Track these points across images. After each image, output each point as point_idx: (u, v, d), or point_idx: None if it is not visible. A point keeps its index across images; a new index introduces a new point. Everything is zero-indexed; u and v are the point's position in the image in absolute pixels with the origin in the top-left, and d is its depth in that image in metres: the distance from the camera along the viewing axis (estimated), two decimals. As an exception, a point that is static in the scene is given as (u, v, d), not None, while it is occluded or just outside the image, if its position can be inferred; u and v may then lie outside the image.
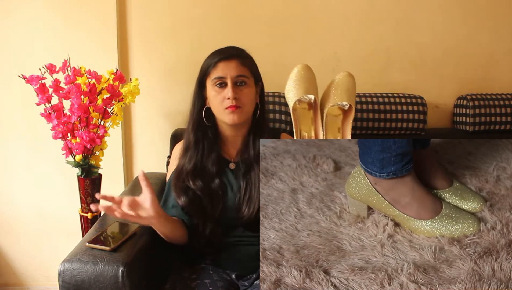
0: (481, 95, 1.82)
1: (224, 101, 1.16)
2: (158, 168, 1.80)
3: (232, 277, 1.21)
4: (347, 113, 1.54)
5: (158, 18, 1.78)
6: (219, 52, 1.20)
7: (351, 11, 1.83)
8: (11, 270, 1.94)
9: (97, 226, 1.21)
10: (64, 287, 1.02)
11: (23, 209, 1.88)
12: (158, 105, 1.82)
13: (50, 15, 1.73)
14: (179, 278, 1.21)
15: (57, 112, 1.43)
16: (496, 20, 1.90)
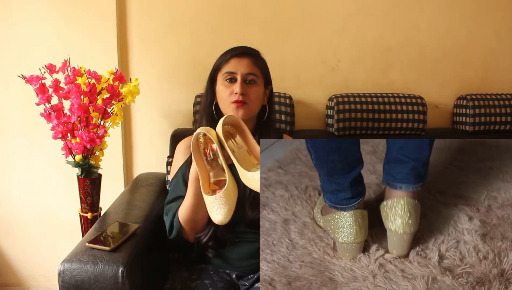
0: (481, 95, 1.82)
1: (232, 96, 1.17)
2: (158, 168, 1.80)
3: (233, 277, 1.22)
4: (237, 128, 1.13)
5: (158, 18, 1.78)
6: (234, 49, 1.22)
7: (351, 11, 1.83)
8: (11, 270, 1.94)
9: (97, 226, 1.21)
10: (64, 287, 1.02)
11: (23, 209, 1.88)
12: (158, 105, 1.82)
13: (50, 15, 1.73)
14: (179, 278, 1.21)
15: (57, 112, 1.43)
16: (496, 20, 1.90)
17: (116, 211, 1.33)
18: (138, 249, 1.11)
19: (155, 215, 1.34)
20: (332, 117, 1.72)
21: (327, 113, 1.78)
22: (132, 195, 1.50)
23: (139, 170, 1.87)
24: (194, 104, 1.65)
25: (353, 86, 1.87)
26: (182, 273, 1.23)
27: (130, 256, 1.06)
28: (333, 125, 1.72)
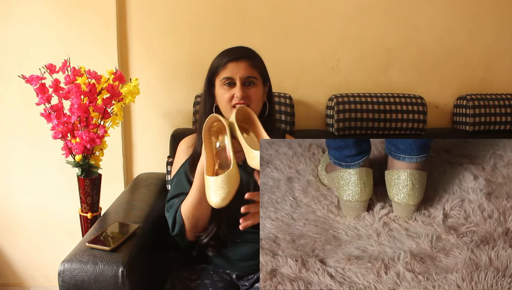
0: (481, 95, 1.82)
1: (233, 99, 1.17)
2: (158, 168, 1.80)
3: (233, 277, 1.22)
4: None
5: (158, 18, 1.78)
6: (229, 52, 1.21)
7: (351, 11, 1.83)
8: (11, 270, 1.94)
9: (97, 226, 1.21)
10: (64, 287, 1.02)
11: (23, 209, 1.88)
12: (158, 105, 1.82)
13: (50, 15, 1.73)
14: (179, 278, 1.21)
15: (57, 112, 1.43)
16: (496, 20, 1.90)
17: (116, 211, 1.33)
18: (138, 249, 1.11)
19: (155, 215, 1.34)
20: (332, 117, 1.72)
21: (327, 113, 1.78)
22: (132, 195, 1.50)
23: (139, 170, 1.87)
24: (194, 104, 1.65)
25: (353, 86, 1.87)
26: (182, 273, 1.23)
27: (130, 256, 1.06)
28: (333, 125, 1.72)
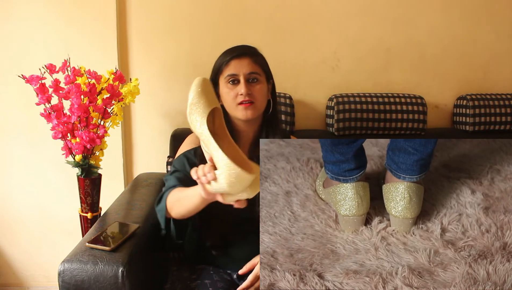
0: (481, 95, 1.82)
1: (237, 97, 1.17)
2: (158, 168, 1.80)
3: (233, 277, 1.21)
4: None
5: (158, 18, 1.78)
6: (232, 50, 1.22)
7: (351, 11, 1.83)
8: (11, 270, 1.94)
9: (97, 226, 1.21)
10: (64, 287, 1.02)
11: (23, 209, 1.88)
12: (158, 105, 1.82)
13: (50, 15, 1.73)
14: (179, 278, 1.21)
15: (57, 112, 1.43)
16: (496, 20, 1.90)
17: (116, 211, 1.33)
18: (138, 249, 1.11)
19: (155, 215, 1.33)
20: (332, 117, 1.72)
21: (327, 113, 1.78)
22: (132, 195, 1.50)
23: (139, 170, 1.87)
24: (194, 104, 1.65)
25: (353, 86, 1.86)
26: (182, 273, 1.23)
27: (130, 256, 1.06)
28: (333, 125, 1.72)
